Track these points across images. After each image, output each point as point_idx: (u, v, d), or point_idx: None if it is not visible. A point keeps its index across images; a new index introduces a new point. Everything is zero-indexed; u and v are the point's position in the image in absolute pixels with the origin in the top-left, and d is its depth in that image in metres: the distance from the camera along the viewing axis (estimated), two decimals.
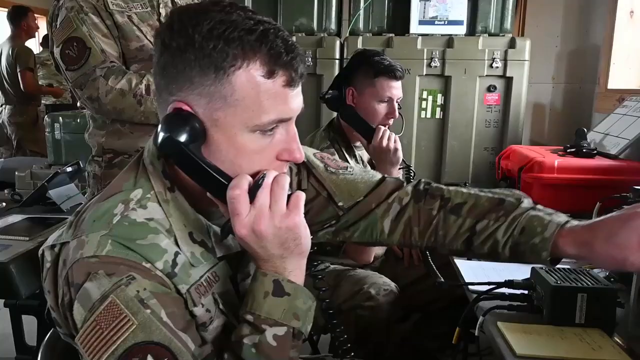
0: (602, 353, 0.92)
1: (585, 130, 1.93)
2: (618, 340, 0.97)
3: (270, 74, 0.72)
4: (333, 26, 2.50)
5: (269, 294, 0.75)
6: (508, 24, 2.41)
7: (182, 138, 0.73)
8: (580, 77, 2.61)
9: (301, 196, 0.76)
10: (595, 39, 2.53)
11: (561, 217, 0.91)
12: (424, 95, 2.34)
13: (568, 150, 1.88)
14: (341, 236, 1.06)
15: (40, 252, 0.81)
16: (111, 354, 0.69)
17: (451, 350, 1.74)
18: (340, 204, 1.03)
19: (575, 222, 0.90)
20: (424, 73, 2.35)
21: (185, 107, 0.73)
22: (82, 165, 2.00)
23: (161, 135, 0.74)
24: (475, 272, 1.30)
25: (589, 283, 1.05)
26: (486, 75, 2.33)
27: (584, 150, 1.84)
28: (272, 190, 0.74)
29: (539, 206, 0.95)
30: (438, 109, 2.36)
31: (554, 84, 2.67)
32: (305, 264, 0.79)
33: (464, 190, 1.02)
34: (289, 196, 0.75)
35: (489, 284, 1.15)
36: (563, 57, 2.66)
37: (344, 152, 1.73)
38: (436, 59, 2.32)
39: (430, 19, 2.37)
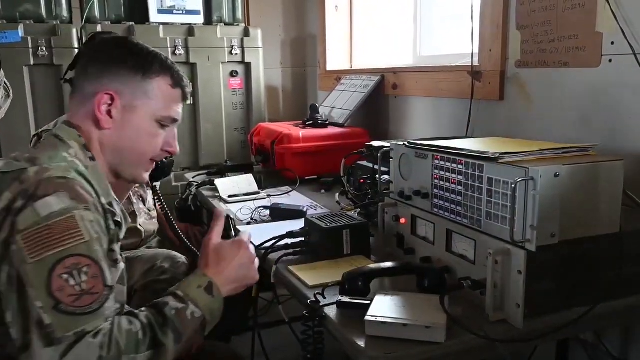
0: None
1: (317, 105, 2.29)
2: (375, 260, 1.27)
3: (174, 87, 1.09)
4: (65, 13, 2.34)
5: (202, 288, 0.99)
6: (240, 15, 2.63)
7: None
8: (304, 61, 3.01)
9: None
10: (311, 29, 2.95)
11: None
12: None
13: (307, 123, 2.21)
14: None
15: None
16: (53, 254, 0.83)
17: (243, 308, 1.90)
18: None
19: None
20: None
21: (113, 94, 1.02)
22: None
23: None
24: (257, 234, 1.47)
25: (349, 222, 1.32)
26: (228, 62, 2.51)
27: (319, 122, 2.20)
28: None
29: None
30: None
31: (283, 68, 3.01)
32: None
33: None
34: None
35: (272, 239, 1.34)
36: (287, 45, 3.02)
37: None
38: (180, 47, 2.40)
39: (169, 8, 2.43)
